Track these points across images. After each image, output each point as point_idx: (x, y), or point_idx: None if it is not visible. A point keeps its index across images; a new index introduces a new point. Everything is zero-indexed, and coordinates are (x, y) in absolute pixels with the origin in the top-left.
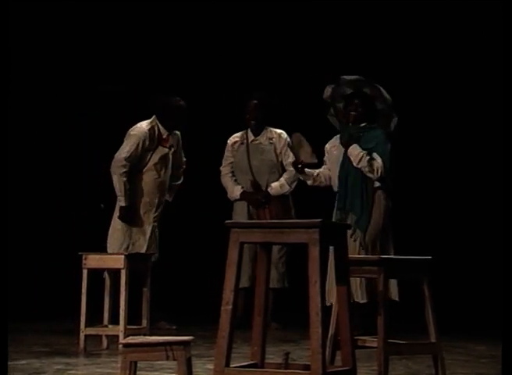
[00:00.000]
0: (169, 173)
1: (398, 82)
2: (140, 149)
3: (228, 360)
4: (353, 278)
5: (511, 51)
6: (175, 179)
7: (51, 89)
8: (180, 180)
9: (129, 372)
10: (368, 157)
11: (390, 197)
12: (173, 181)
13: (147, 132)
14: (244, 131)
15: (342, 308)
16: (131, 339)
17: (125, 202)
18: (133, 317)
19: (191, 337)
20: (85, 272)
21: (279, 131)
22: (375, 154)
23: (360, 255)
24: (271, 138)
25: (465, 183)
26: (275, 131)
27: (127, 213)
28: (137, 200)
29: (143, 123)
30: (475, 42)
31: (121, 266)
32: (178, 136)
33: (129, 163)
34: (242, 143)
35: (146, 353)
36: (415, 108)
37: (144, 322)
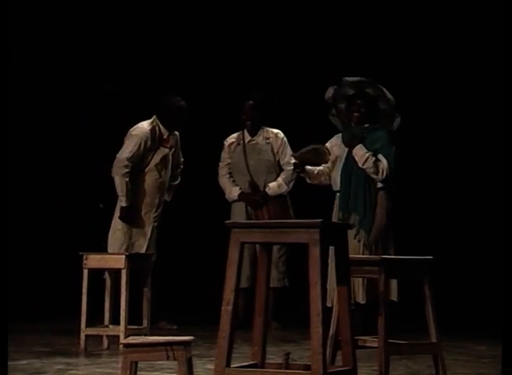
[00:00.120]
0: (169, 174)
1: (399, 82)
2: (142, 149)
3: (228, 360)
4: (354, 278)
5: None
6: (173, 179)
7: (51, 89)
8: (178, 180)
9: (129, 372)
10: (374, 158)
11: (391, 197)
12: (171, 181)
13: (148, 132)
14: (240, 132)
15: (342, 308)
16: (132, 339)
17: (126, 203)
18: (134, 317)
19: (192, 337)
20: (86, 272)
21: (276, 131)
22: (380, 155)
23: (363, 256)
24: (267, 138)
25: (466, 183)
26: (271, 131)
27: (128, 214)
28: (138, 200)
29: (144, 123)
30: (476, 42)
31: (122, 266)
32: (177, 136)
33: (131, 163)
34: (238, 144)
35: (146, 353)
36: (416, 108)
37: (145, 322)
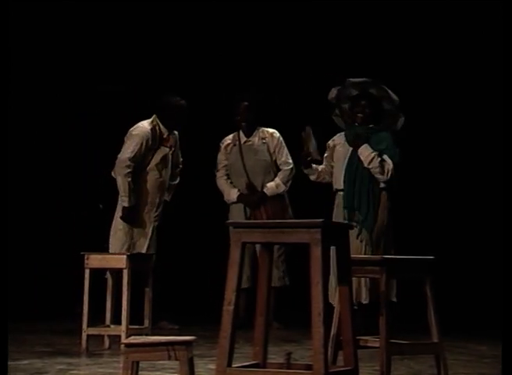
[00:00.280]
0: (169, 173)
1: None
2: (144, 149)
3: (230, 360)
4: (355, 278)
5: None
6: (172, 178)
7: (51, 89)
8: (177, 180)
9: (131, 372)
10: (380, 158)
11: (391, 197)
12: (171, 181)
13: (149, 131)
14: (236, 133)
15: (344, 308)
16: (133, 339)
17: (128, 203)
18: (135, 317)
19: (193, 337)
20: (87, 272)
21: (271, 131)
22: (385, 156)
23: (366, 255)
24: (263, 138)
25: (467, 183)
26: (267, 131)
27: (130, 214)
28: (140, 200)
29: (144, 123)
30: (476, 42)
31: (123, 266)
32: (176, 136)
33: (133, 163)
34: (234, 145)
35: (148, 353)
36: (418, 108)
37: (146, 322)
